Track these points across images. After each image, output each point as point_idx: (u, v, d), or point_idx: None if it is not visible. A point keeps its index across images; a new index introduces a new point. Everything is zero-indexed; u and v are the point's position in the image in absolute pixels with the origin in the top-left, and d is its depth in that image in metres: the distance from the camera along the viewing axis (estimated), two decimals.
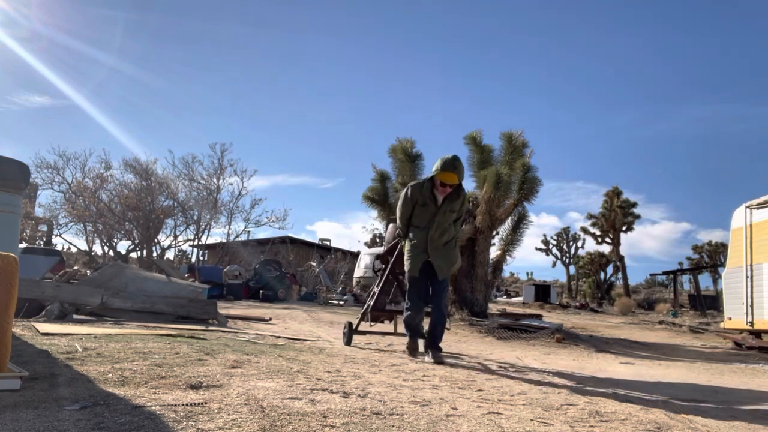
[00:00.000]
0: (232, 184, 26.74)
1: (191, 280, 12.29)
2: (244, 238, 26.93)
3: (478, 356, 5.36)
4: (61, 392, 2.23)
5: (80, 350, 3.28)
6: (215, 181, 25.82)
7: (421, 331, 4.71)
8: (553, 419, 2.36)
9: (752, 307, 9.12)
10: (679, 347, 8.65)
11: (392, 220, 5.59)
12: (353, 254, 29.01)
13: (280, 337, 5.56)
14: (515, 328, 8.49)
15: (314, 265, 23.21)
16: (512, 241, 10.84)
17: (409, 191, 4.60)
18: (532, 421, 2.30)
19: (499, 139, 10.76)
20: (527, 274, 46.59)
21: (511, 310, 16.37)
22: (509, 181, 9.98)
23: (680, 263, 36.67)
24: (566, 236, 36.82)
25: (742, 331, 9.51)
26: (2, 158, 4.60)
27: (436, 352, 4.42)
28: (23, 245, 19.62)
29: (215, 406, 2.10)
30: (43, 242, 24.60)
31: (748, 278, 9.26)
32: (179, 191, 25.23)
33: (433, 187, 4.51)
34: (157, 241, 25.25)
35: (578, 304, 26.24)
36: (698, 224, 78.93)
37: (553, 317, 14.04)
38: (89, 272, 12.40)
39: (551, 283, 37.01)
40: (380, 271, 5.69)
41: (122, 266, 8.73)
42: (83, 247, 27.00)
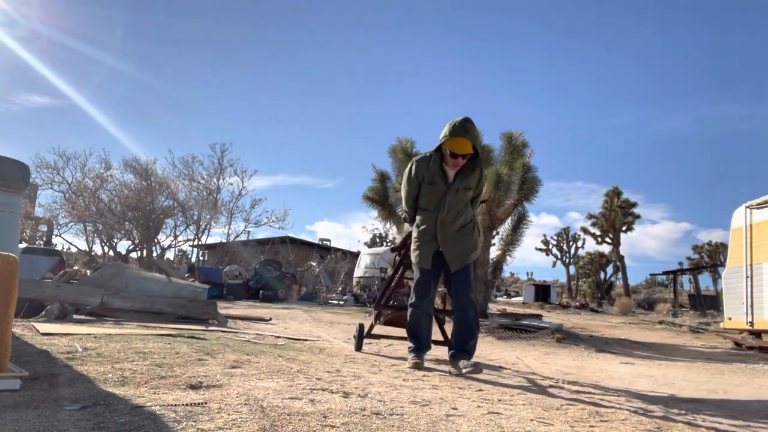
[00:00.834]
0: (232, 184, 26.77)
1: (191, 280, 12.29)
2: (244, 238, 26.96)
3: (478, 356, 5.36)
4: (61, 392, 2.23)
5: (80, 350, 3.28)
6: (215, 181, 25.84)
7: (427, 340, 3.97)
8: (553, 419, 2.36)
9: (752, 307, 9.12)
10: (679, 347, 8.65)
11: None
12: (353, 254, 29.02)
13: (280, 337, 5.56)
14: (515, 328, 8.49)
15: (314, 265, 23.21)
16: (512, 241, 10.84)
17: (413, 167, 3.81)
18: (532, 421, 2.30)
19: (499, 139, 10.77)
20: (527, 274, 46.57)
21: (511, 310, 16.37)
22: (509, 181, 9.98)
23: (680, 263, 36.67)
24: (566, 236, 36.82)
25: (742, 331, 9.51)
26: (2, 158, 4.60)
27: (458, 361, 3.64)
28: (23, 245, 19.62)
29: (215, 406, 2.10)
30: (43, 242, 24.61)
31: (748, 278, 9.26)
32: (179, 191, 25.26)
33: (442, 160, 3.72)
34: (157, 241, 25.27)
35: (578, 304, 26.24)
36: (698, 224, 78.97)
37: (553, 317, 14.04)
38: (89, 272, 12.40)
39: (551, 283, 37.00)
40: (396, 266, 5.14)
41: (122, 266, 8.73)
42: (83, 247, 27.04)
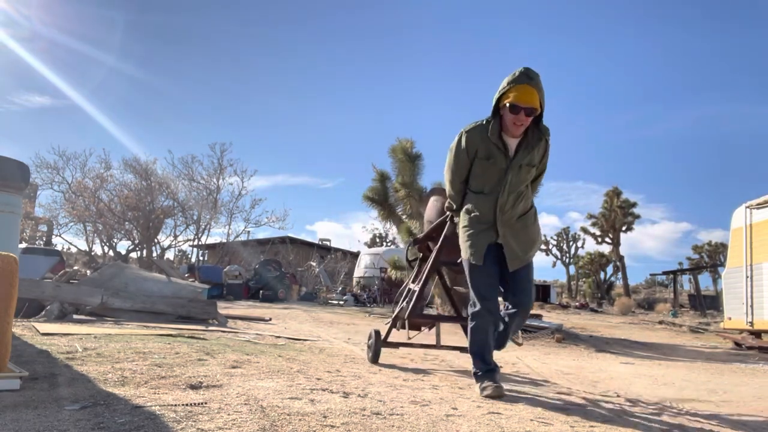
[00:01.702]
0: (232, 184, 26.73)
1: (191, 280, 12.29)
2: (244, 238, 26.95)
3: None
4: (61, 392, 2.23)
5: (80, 350, 3.28)
6: (215, 181, 25.82)
7: (492, 357, 3.10)
8: (553, 419, 2.36)
9: (752, 307, 9.12)
10: (679, 347, 8.65)
11: (435, 191, 4.49)
12: (353, 254, 29.02)
13: (280, 337, 5.56)
14: None
15: (314, 265, 23.23)
16: None
17: (463, 140, 3.03)
18: (532, 421, 2.30)
19: None
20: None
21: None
22: None
23: (680, 263, 36.67)
24: (566, 236, 36.81)
25: (742, 331, 9.51)
26: (2, 158, 4.60)
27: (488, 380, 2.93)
28: (23, 245, 19.61)
29: (215, 406, 2.10)
30: (43, 242, 24.60)
31: (748, 278, 9.26)
32: (179, 191, 25.25)
33: (501, 129, 2.96)
34: (157, 241, 25.27)
35: (578, 304, 26.24)
36: (698, 224, 78.99)
37: (553, 317, 14.05)
38: (89, 272, 12.40)
39: (551, 283, 36.99)
40: (416, 261, 4.33)
41: (122, 266, 8.73)
42: (83, 247, 27.03)
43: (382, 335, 4.05)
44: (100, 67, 41.44)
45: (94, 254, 26.67)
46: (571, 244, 36.73)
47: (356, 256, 27.30)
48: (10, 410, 1.93)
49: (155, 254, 24.49)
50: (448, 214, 3.61)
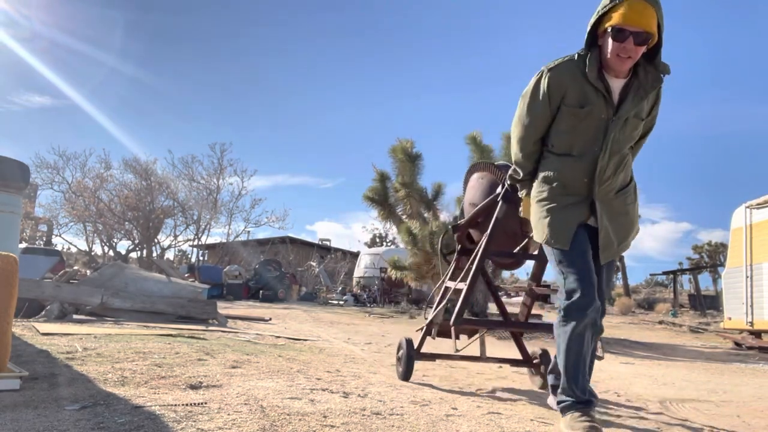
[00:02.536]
0: (232, 184, 26.74)
1: (191, 280, 12.29)
2: (244, 238, 26.95)
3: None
4: (61, 392, 2.23)
5: (80, 350, 3.28)
6: (215, 181, 25.83)
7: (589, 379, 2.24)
8: (553, 419, 2.36)
9: (752, 307, 9.12)
10: (679, 347, 8.65)
11: (477, 166, 3.47)
12: (353, 254, 29.01)
13: (280, 337, 5.56)
14: None
15: (314, 265, 23.23)
16: None
17: (544, 81, 2.22)
18: (532, 421, 2.30)
19: (499, 139, 10.77)
20: (527, 274, 46.56)
21: (511, 310, 16.36)
22: None
23: (680, 263, 36.62)
24: None
25: (742, 331, 9.51)
26: (2, 158, 4.60)
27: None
28: (23, 245, 19.62)
29: (215, 406, 2.10)
30: (43, 242, 24.59)
31: (748, 278, 9.26)
32: (179, 191, 25.26)
33: (600, 65, 2.14)
34: (157, 241, 25.26)
35: None
36: (698, 224, 78.93)
37: (553, 317, 14.03)
38: (89, 272, 12.40)
39: (551, 283, 36.96)
40: (453, 254, 3.53)
41: (122, 266, 8.73)
42: (83, 247, 27.03)
43: (415, 345, 3.24)
44: (100, 67, 41.47)
45: (94, 254, 26.68)
46: None
47: (356, 256, 27.29)
48: (10, 410, 1.93)
49: (155, 254, 24.49)
50: (498, 192, 2.95)
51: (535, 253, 3.22)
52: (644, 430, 2.39)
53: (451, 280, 3.35)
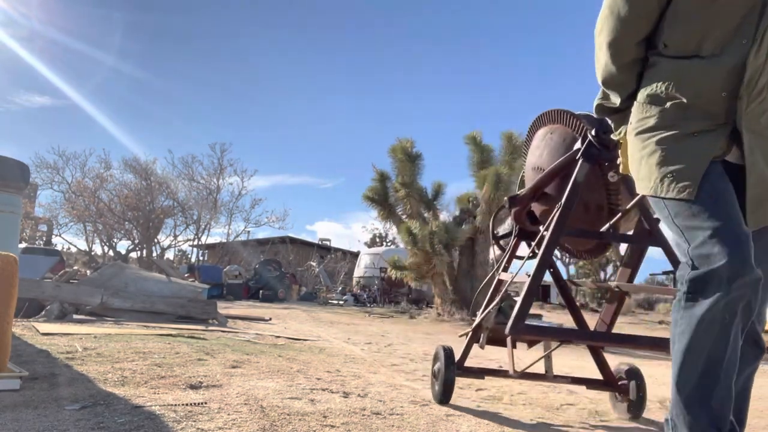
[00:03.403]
0: (232, 184, 26.81)
1: (191, 280, 12.29)
2: (244, 238, 26.98)
3: (477, 355, 5.36)
4: (61, 392, 2.23)
5: (80, 350, 3.28)
6: (215, 181, 25.86)
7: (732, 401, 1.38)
8: (553, 419, 2.36)
9: None
10: None
11: (544, 118, 2.61)
12: (353, 254, 29.02)
13: (280, 337, 5.56)
14: None
15: (314, 265, 23.23)
16: None
17: None
18: (532, 420, 2.31)
19: (499, 139, 10.79)
20: (527, 274, 46.49)
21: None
22: (509, 181, 10.01)
23: None
24: None
25: None
26: (2, 158, 4.60)
27: None
28: (23, 245, 19.63)
29: (215, 406, 2.10)
30: (43, 242, 24.60)
31: None
32: (179, 191, 25.29)
33: None
34: (157, 241, 25.28)
35: (578, 304, 26.23)
36: None
37: (553, 317, 14.03)
38: (89, 272, 12.41)
39: (551, 283, 36.97)
40: (509, 238, 2.81)
41: (122, 266, 8.74)
42: (83, 247, 27.04)
43: (456, 357, 2.53)
44: (100, 67, 41.43)
45: (94, 254, 26.68)
46: None
47: (356, 256, 27.30)
48: (10, 410, 1.93)
49: (155, 254, 24.50)
50: (577, 149, 2.20)
51: (629, 233, 2.44)
52: (644, 430, 2.39)
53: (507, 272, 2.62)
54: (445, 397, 2.48)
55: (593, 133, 2.12)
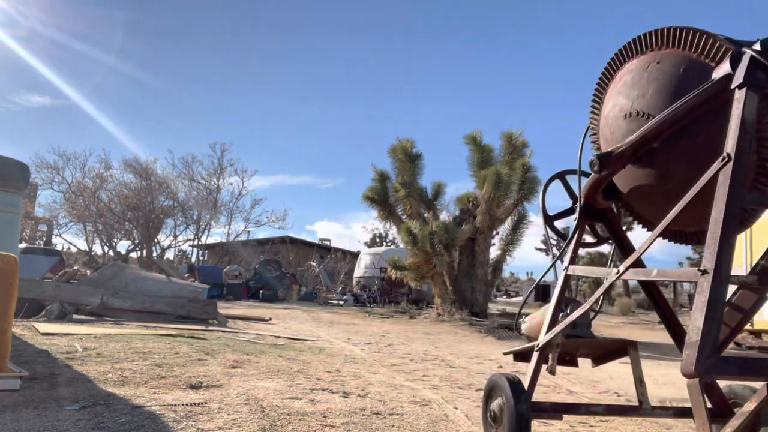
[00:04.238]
0: (232, 184, 26.77)
1: (191, 280, 12.30)
2: (244, 238, 26.97)
3: (477, 355, 5.37)
4: (61, 392, 2.23)
5: (80, 350, 3.28)
6: (215, 181, 25.85)
7: None
8: (554, 419, 2.36)
9: None
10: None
11: (632, 48, 1.84)
12: (353, 254, 29.02)
13: (280, 337, 5.56)
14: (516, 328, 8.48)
15: (314, 265, 23.23)
16: (512, 240, 10.88)
17: None
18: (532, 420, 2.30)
19: (499, 139, 10.80)
20: (527, 273, 46.48)
21: (511, 310, 16.38)
22: (509, 181, 10.01)
23: (680, 263, 36.60)
24: (566, 236, 36.80)
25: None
26: (2, 158, 4.60)
27: None
28: (23, 245, 19.62)
29: (215, 406, 2.10)
30: (43, 242, 24.59)
31: None
32: (179, 191, 25.28)
33: None
34: (157, 241, 25.27)
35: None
36: None
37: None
38: (89, 272, 12.40)
39: (551, 283, 36.99)
40: (570, 216, 2.27)
41: (122, 266, 8.74)
42: (83, 247, 27.02)
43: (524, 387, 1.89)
44: (100, 67, 41.39)
45: (94, 254, 26.67)
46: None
47: (356, 256, 27.30)
48: (10, 410, 1.93)
49: (155, 254, 24.50)
50: (728, 73, 1.48)
51: None
52: (644, 430, 2.39)
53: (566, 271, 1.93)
54: None
55: (757, 48, 1.41)
